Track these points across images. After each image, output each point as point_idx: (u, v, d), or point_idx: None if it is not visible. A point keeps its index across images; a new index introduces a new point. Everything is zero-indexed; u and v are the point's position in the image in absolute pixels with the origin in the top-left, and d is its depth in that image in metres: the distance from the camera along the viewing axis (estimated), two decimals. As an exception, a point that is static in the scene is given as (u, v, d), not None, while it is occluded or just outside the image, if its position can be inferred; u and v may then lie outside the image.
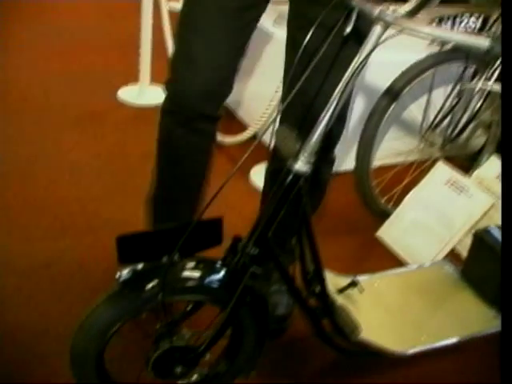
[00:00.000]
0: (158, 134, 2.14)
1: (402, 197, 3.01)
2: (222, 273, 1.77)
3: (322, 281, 1.96)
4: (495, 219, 2.77)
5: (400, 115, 3.23)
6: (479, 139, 3.27)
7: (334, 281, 2.24)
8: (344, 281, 2.25)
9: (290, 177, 1.71)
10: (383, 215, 3.00)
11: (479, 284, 2.43)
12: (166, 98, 2.05)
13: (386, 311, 2.27)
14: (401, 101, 2.80)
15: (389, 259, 2.87)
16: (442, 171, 2.93)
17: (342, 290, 2.21)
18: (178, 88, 2.00)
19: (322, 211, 3.07)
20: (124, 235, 1.63)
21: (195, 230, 1.68)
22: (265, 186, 2.38)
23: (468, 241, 2.70)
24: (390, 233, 2.95)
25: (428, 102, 3.06)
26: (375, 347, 2.05)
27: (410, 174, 3.07)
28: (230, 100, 2.13)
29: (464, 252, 2.76)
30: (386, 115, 2.80)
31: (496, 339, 2.29)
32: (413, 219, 2.91)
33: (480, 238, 2.41)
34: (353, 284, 2.22)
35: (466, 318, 2.32)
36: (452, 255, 2.80)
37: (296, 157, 1.69)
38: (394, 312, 2.27)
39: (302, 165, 1.70)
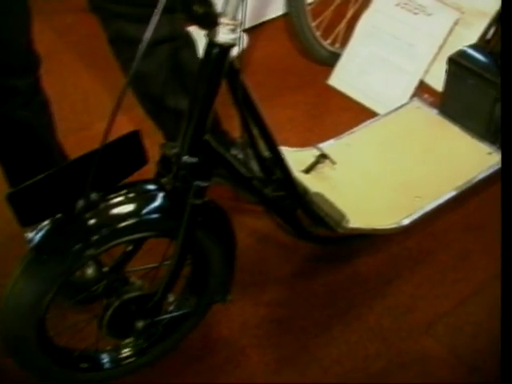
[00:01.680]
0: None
1: (350, 33, 2.55)
2: (160, 197, 1.37)
3: (282, 164, 1.54)
4: (465, 37, 2.35)
5: None
6: None
7: (296, 158, 1.83)
8: (308, 155, 1.85)
9: (216, 50, 1.25)
10: (331, 60, 2.56)
11: (463, 118, 2.05)
12: None
13: (368, 180, 1.89)
14: None
15: (350, 109, 2.46)
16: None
17: (309, 169, 1.80)
18: None
19: (258, 70, 2.64)
20: (15, 190, 1.18)
21: (107, 156, 1.23)
22: None
23: (437, 69, 2.30)
24: (344, 77, 2.52)
25: None
26: (367, 230, 1.67)
27: (353, 4, 2.59)
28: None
29: (435, 83, 2.35)
30: None
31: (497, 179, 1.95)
32: (367, 56, 2.47)
33: (456, 62, 1.99)
34: (321, 158, 1.81)
35: (459, 163, 1.95)
36: (421, 89, 2.39)
37: (215, 25, 1.22)
38: (378, 178, 1.89)
39: (226, 32, 1.23)
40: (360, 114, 2.40)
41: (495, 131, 2.02)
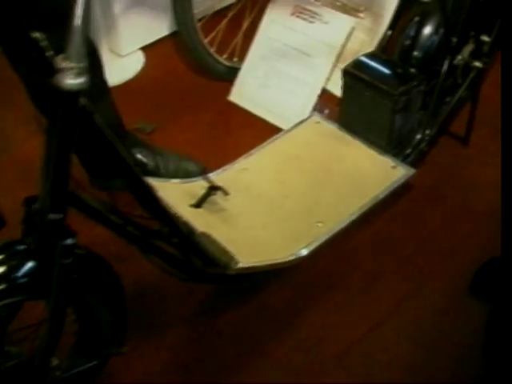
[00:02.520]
0: None
1: (247, 46, 2.43)
2: (26, 259, 1.23)
3: (154, 204, 1.40)
4: (363, 43, 2.26)
5: None
6: None
7: (186, 190, 1.71)
8: (199, 186, 1.72)
9: (64, 97, 1.11)
10: (230, 75, 2.43)
11: (364, 131, 1.96)
12: None
13: (265, 208, 1.77)
14: None
15: (253, 126, 2.34)
16: (284, 0, 2.35)
17: (200, 203, 1.68)
18: None
19: (155, 90, 2.50)
20: None
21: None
22: None
23: (338, 76, 2.19)
24: (244, 93, 2.40)
25: None
26: (262, 267, 1.55)
27: (247, 16, 2.47)
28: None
29: (338, 91, 2.25)
30: None
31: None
32: (266, 69, 2.36)
33: (351, 74, 1.89)
34: (212, 190, 1.69)
35: (362, 180, 1.86)
36: (325, 99, 2.29)
37: (59, 71, 1.08)
38: (276, 204, 1.78)
39: (71, 77, 1.09)
40: (263, 130, 2.28)
41: (397, 143, 1.93)
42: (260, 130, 2.29)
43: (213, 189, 1.68)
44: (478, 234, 2.00)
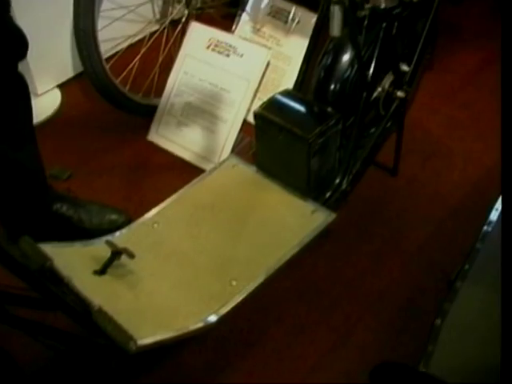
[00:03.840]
0: None
1: (163, 82, 2.31)
2: None
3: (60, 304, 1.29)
4: (284, 72, 2.16)
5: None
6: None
7: (89, 254, 1.60)
8: (103, 249, 1.60)
9: None
10: (148, 113, 2.31)
11: (282, 175, 1.85)
12: None
13: (174, 267, 1.66)
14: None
15: (173, 167, 2.23)
16: (199, 33, 2.25)
17: (105, 268, 1.56)
18: None
19: (72, 131, 2.38)
20: None
21: None
22: None
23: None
24: (163, 132, 2.29)
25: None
26: (166, 341, 1.44)
27: (162, 51, 2.36)
28: None
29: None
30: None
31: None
32: (183, 106, 2.25)
33: (263, 117, 1.79)
34: (115, 256, 1.57)
35: (282, 229, 1.75)
36: (246, 131, 2.19)
37: None
38: (187, 263, 1.67)
39: None
40: (183, 172, 2.18)
41: (316, 186, 1.84)
42: (181, 172, 2.19)
43: (116, 254, 1.57)
44: (407, 274, 1.91)
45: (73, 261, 1.58)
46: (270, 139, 1.81)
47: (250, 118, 2.23)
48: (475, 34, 2.79)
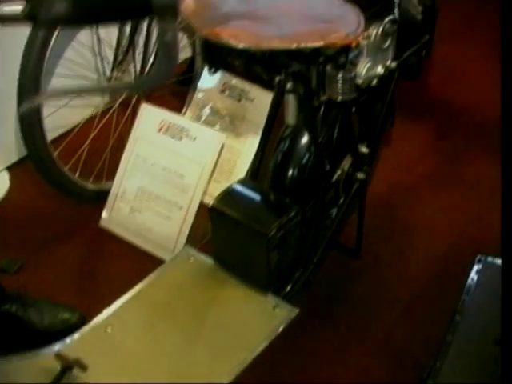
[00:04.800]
0: None
1: (115, 164, 2.23)
2: None
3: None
4: (239, 153, 2.10)
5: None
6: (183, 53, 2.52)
7: (39, 366, 1.49)
8: (52, 362, 1.49)
9: None
10: (100, 199, 2.22)
11: (242, 269, 1.77)
12: None
13: (130, 374, 1.56)
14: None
15: (127, 255, 2.13)
16: (149, 115, 2.17)
17: (58, 380, 1.46)
18: None
19: (19, 219, 2.27)
20: None
21: None
22: None
23: (216, 188, 2.04)
24: (116, 218, 2.20)
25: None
26: None
27: (112, 134, 2.28)
28: None
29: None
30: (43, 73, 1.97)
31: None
32: (136, 191, 2.17)
33: (219, 212, 1.71)
34: (65, 371, 1.46)
35: (241, 327, 1.67)
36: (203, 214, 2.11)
37: None
38: (144, 368, 1.57)
39: None
40: (138, 261, 2.09)
41: (277, 279, 1.76)
42: (136, 261, 2.10)
43: (67, 368, 1.46)
44: (374, 364, 1.83)
45: (22, 375, 1.48)
46: (227, 233, 1.74)
47: (207, 201, 2.16)
48: (430, 103, 2.77)
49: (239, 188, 1.77)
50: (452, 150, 2.54)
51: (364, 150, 1.92)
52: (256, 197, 1.76)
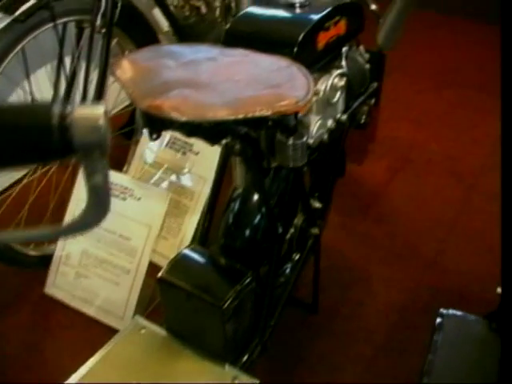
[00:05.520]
0: None
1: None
2: None
3: None
4: (187, 208, 2.01)
5: None
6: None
7: None
8: None
9: None
10: (43, 264, 2.10)
11: (195, 339, 1.67)
12: None
13: None
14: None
15: (74, 325, 2.02)
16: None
17: None
18: None
19: None
20: None
21: None
22: None
23: (164, 246, 1.96)
24: (61, 284, 2.09)
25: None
26: None
27: (53, 194, 2.16)
28: None
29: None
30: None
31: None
32: (81, 255, 2.06)
33: (167, 282, 1.62)
34: None
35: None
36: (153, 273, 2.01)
37: None
38: None
39: None
40: (87, 329, 1.98)
41: (234, 348, 1.67)
42: (84, 329, 2.00)
43: None
44: None
45: None
46: (179, 304, 1.64)
47: (156, 260, 2.08)
48: (379, 142, 2.74)
49: (189, 255, 1.68)
50: (405, 190, 2.49)
51: (317, 205, 1.85)
52: (207, 264, 1.67)
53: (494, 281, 2.07)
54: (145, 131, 1.76)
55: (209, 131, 1.39)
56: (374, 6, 1.87)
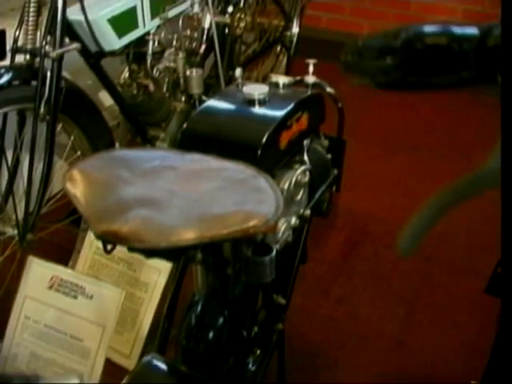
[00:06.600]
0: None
1: (2, 327, 1.97)
2: None
3: None
4: (142, 301, 1.92)
5: None
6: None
7: None
8: None
9: None
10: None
11: None
12: None
13: None
14: None
15: None
16: (38, 271, 1.95)
17: None
18: None
19: None
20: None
21: None
22: None
23: (122, 341, 1.85)
24: None
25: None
26: None
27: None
28: None
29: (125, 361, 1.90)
30: None
31: None
32: (29, 358, 1.92)
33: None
34: None
35: None
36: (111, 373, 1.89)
37: None
38: None
39: None
40: None
41: None
42: None
43: None
44: None
45: None
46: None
47: (111, 356, 1.96)
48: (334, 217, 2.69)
49: (149, 366, 1.57)
50: (364, 266, 2.44)
51: (281, 301, 1.77)
52: (168, 376, 1.57)
53: (459, 361, 2.03)
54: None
55: (170, 252, 1.29)
56: (329, 89, 1.82)
